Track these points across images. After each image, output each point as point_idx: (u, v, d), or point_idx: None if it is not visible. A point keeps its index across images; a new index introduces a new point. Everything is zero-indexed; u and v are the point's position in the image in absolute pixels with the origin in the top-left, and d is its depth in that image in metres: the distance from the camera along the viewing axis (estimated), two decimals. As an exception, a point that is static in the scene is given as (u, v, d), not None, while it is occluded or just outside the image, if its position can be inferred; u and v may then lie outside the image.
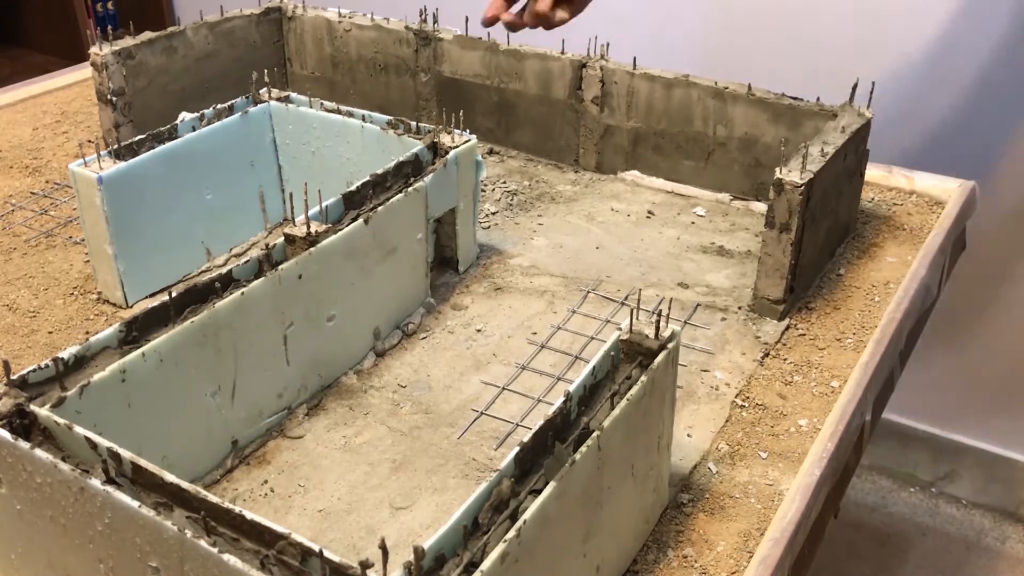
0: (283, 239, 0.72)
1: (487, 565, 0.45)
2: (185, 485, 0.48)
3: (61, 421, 0.52)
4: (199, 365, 0.65)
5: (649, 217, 1.02)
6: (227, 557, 0.45)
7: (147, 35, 1.06)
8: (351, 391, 0.77)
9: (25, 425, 0.53)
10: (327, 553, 0.44)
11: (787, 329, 0.84)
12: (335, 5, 1.21)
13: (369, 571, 0.43)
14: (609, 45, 1.06)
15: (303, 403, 0.74)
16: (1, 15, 3.07)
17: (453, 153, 0.85)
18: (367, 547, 0.62)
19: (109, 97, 1.04)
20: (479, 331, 0.84)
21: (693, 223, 1.01)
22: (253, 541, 0.47)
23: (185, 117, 0.90)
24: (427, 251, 0.85)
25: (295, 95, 0.94)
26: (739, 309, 0.87)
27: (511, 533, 0.46)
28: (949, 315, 1.47)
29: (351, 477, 0.68)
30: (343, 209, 0.76)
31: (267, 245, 0.70)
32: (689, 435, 0.72)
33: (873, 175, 1.07)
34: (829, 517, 0.78)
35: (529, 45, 1.09)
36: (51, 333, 0.83)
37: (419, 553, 0.44)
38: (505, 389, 0.77)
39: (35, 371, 0.56)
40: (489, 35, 1.11)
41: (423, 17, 1.15)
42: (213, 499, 0.48)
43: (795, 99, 0.96)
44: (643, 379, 0.57)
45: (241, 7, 1.18)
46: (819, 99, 0.95)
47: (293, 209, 0.75)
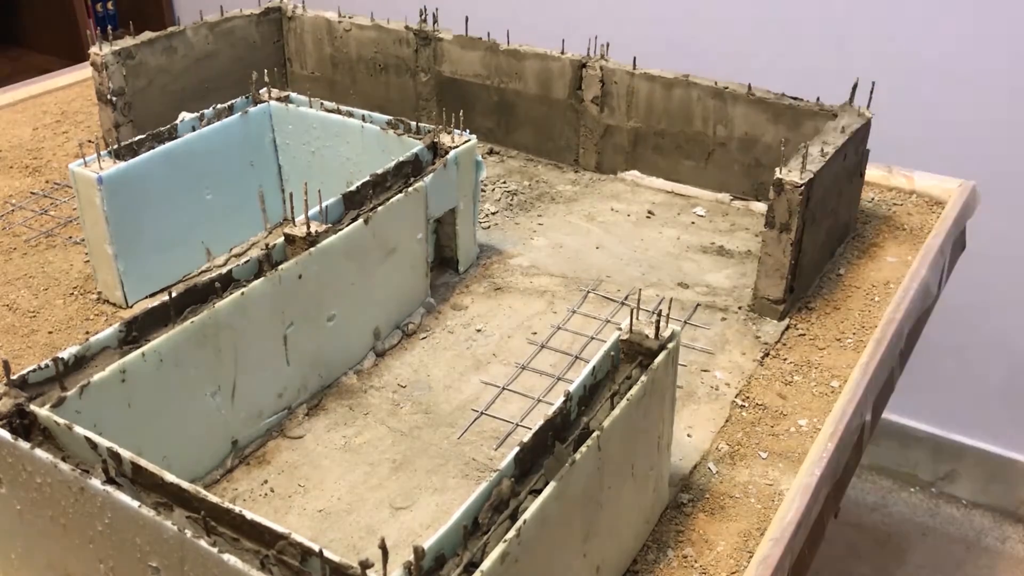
0: (283, 239, 0.71)
1: (487, 565, 0.45)
2: (185, 485, 0.48)
3: (61, 421, 0.52)
4: (199, 365, 0.65)
5: (649, 217, 1.02)
6: (227, 557, 0.45)
7: (147, 35, 1.06)
8: (351, 391, 0.77)
9: (25, 425, 0.53)
10: (327, 553, 0.44)
11: (787, 329, 0.84)
12: (335, 5, 1.21)
13: (369, 571, 0.43)
14: (609, 45, 1.06)
15: (303, 403, 0.74)
16: (1, 15, 3.08)
17: (453, 153, 0.85)
18: (367, 547, 0.62)
19: (109, 97, 1.04)
20: (479, 331, 0.84)
21: (693, 223, 1.01)
22: (253, 541, 0.47)
23: (185, 117, 0.90)
24: (427, 251, 0.85)
25: (295, 95, 0.94)
26: (739, 309, 0.87)
27: (511, 533, 0.46)
28: (949, 315, 1.47)
29: (351, 477, 0.68)
30: (343, 209, 0.76)
31: (267, 245, 0.70)
32: (689, 435, 0.72)
33: (873, 175, 1.07)
34: (829, 517, 0.78)
35: (529, 45, 1.09)
36: (51, 333, 0.83)
37: (419, 553, 0.44)
38: (505, 389, 0.77)
39: (35, 371, 0.56)
40: (489, 35, 1.11)
41: (423, 17, 1.15)
42: (213, 499, 0.48)
43: (795, 99, 0.96)
44: (643, 379, 0.57)
45: (241, 7, 1.18)
46: (819, 99, 0.95)
47: (293, 209, 0.75)
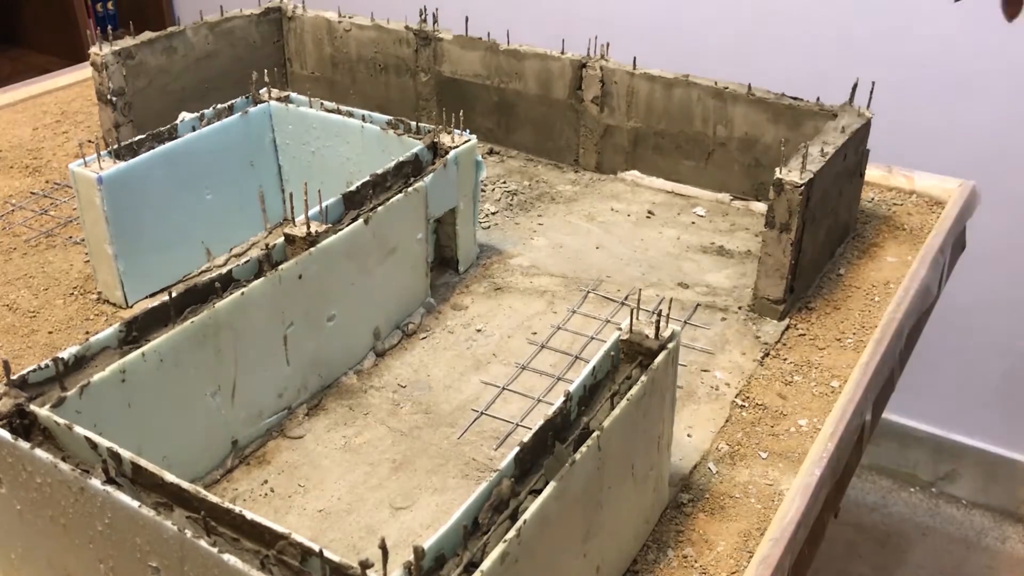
0: (283, 239, 0.71)
1: (487, 565, 0.45)
2: (185, 485, 0.48)
3: (61, 421, 0.52)
4: (199, 365, 0.65)
5: (649, 217, 1.02)
6: (227, 557, 0.45)
7: (147, 35, 1.06)
8: (351, 391, 0.77)
9: (25, 425, 0.53)
10: (327, 553, 0.44)
11: (787, 329, 0.84)
12: (335, 5, 1.21)
13: (369, 571, 0.43)
14: (609, 45, 1.06)
15: (303, 403, 0.74)
16: (1, 15, 3.08)
17: (453, 153, 0.85)
18: (367, 547, 0.62)
19: (109, 97, 1.04)
20: (479, 331, 0.84)
21: (693, 223, 1.01)
22: (253, 541, 0.47)
23: (185, 117, 0.90)
24: (427, 251, 0.85)
25: (295, 95, 0.94)
26: (739, 309, 0.87)
27: (511, 533, 0.46)
28: (949, 315, 1.47)
29: (351, 477, 0.68)
30: (343, 209, 0.76)
31: (267, 245, 0.70)
32: (689, 435, 0.72)
33: (873, 175, 1.07)
34: (829, 517, 0.78)
35: (529, 45, 1.09)
36: (51, 333, 0.83)
37: (419, 553, 0.44)
38: (505, 389, 0.77)
39: (35, 371, 0.56)
40: (489, 35, 1.11)
41: (423, 17, 1.15)
42: (213, 499, 0.48)
43: (795, 99, 0.96)
44: (643, 379, 0.57)
45: (241, 7, 1.17)
46: (819, 99, 0.95)
47: (293, 209, 0.75)
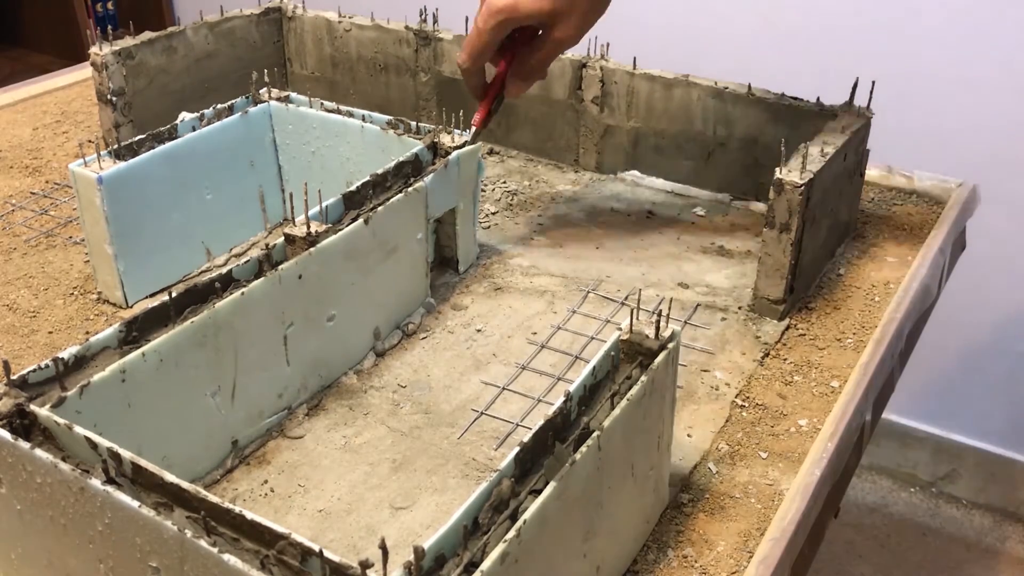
0: (283, 239, 0.71)
1: (487, 565, 0.45)
2: (185, 485, 0.48)
3: (61, 421, 0.52)
4: (199, 365, 0.65)
5: (649, 217, 1.02)
6: (227, 557, 0.45)
7: (147, 35, 1.06)
8: (351, 391, 0.77)
9: (25, 425, 0.53)
10: (327, 553, 0.44)
11: (787, 329, 0.84)
12: (335, 5, 1.21)
13: (369, 571, 0.43)
14: (609, 45, 1.06)
15: (303, 403, 0.74)
16: (1, 15, 3.08)
17: (455, 154, 0.85)
18: (367, 547, 0.62)
19: (109, 97, 1.04)
20: (479, 331, 0.84)
21: (693, 223, 1.01)
22: (253, 541, 0.47)
23: (185, 117, 0.90)
24: (427, 251, 0.85)
25: (295, 95, 0.94)
26: (739, 309, 0.87)
27: (511, 533, 0.46)
28: (949, 315, 1.47)
29: (351, 477, 0.68)
30: (343, 209, 0.76)
31: (267, 245, 0.70)
32: (689, 435, 0.72)
33: (873, 175, 1.07)
34: (829, 517, 0.78)
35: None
36: (51, 333, 0.83)
37: (419, 553, 0.44)
38: (505, 389, 0.77)
39: (35, 371, 0.56)
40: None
41: (423, 17, 1.15)
42: (213, 499, 0.48)
43: (795, 99, 0.96)
44: (643, 379, 0.57)
45: (241, 7, 1.17)
46: (819, 99, 0.95)
47: (293, 209, 0.75)
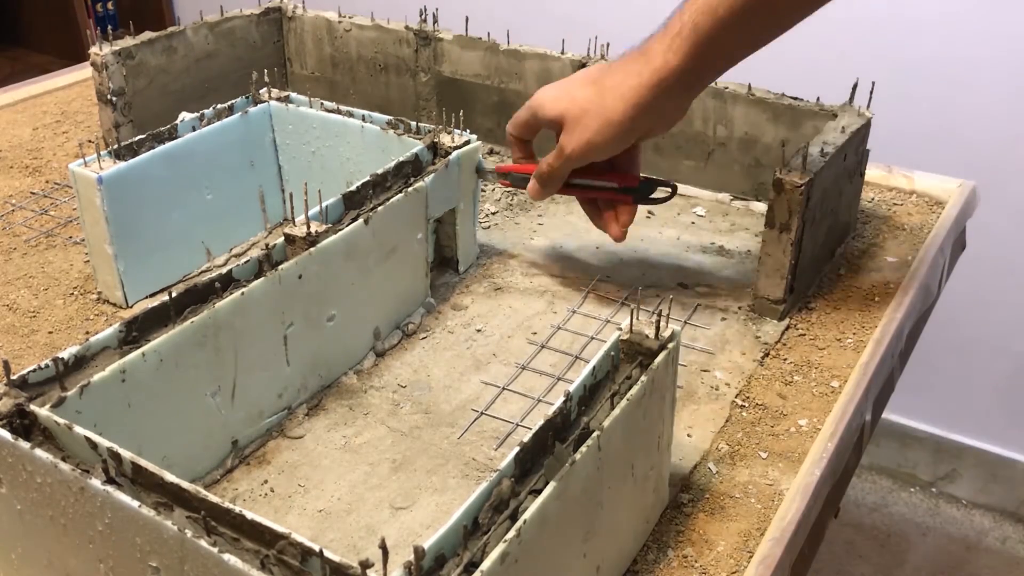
0: (283, 239, 0.71)
1: (487, 565, 0.45)
2: (185, 485, 0.48)
3: (61, 421, 0.52)
4: (199, 365, 0.65)
5: (649, 217, 1.02)
6: (227, 557, 0.45)
7: (147, 35, 1.06)
8: (351, 391, 0.77)
9: (25, 425, 0.53)
10: (327, 553, 0.44)
11: (787, 329, 0.84)
12: (335, 5, 1.21)
13: (369, 571, 0.43)
14: (609, 45, 1.06)
15: (303, 403, 0.74)
16: (1, 15, 3.08)
17: (456, 154, 0.85)
18: (367, 547, 0.62)
19: (109, 97, 1.04)
20: (479, 331, 0.84)
21: (693, 223, 1.01)
22: (253, 541, 0.47)
23: (185, 117, 0.90)
24: (427, 251, 0.85)
25: (295, 95, 0.94)
26: (739, 309, 0.87)
27: (511, 533, 0.46)
28: (949, 315, 1.47)
29: (351, 477, 0.68)
30: (343, 209, 0.76)
31: (267, 245, 0.70)
32: (689, 435, 0.72)
33: (873, 175, 1.07)
34: (829, 517, 0.78)
35: (529, 45, 1.09)
36: (51, 333, 0.83)
37: (419, 553, 0.44)
38: (505, 389, 0.77)
39: (35, 371, 0.56)
40: (489, 35, 1.11)
41: (423, 17, 1.15)
42: (213, 499, 0.48)
43: (795, 99, 0.96)
44: (643, 379, 0.57)
45: (241, 7, 1.17)
46: (819, 99, 0.95)
47: (293, 209, 0.75)
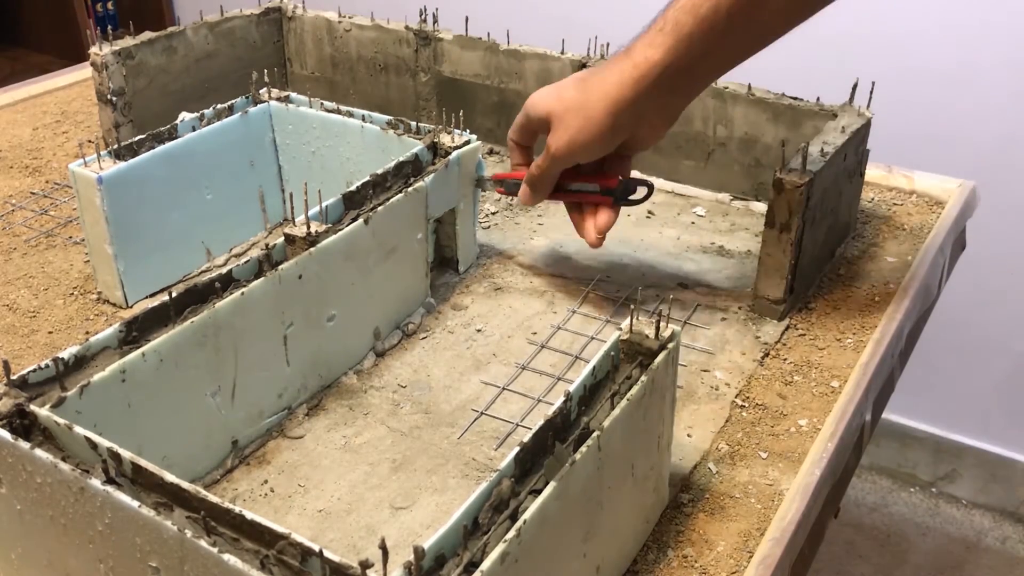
0: (283, 239, 0.72)
1: (487, 565, 0.45)
2: (185, 485, 0.48)
3: (61, 421, 0.52)
4: (199, 365, 0.65)
5: (649, 217, 1.02)
6: (227, 557, 0.45)
7: (147, 35, 1.06)
8: (351, 391, 0.77)
9: (25, 425, 0.53)
10: (327, 553, 0.44)
11: (787, 329, 0.84)
12: (335, 5, 1.21)
13: (369, 571, 0.43)
14: (609, 45, 1.06)
15: (303, 403, 0.74)
16: (1, 15, 3.08)
17: (456, 154, 0.85)
18: (367, 547, 0.62)
19: (109, 97, 1.04)
20: (479, 331, 0.84)
21: (693, 223, 1.01)
22: (253, 541, 0.47)
23: (185, 117, 0.90)
24: (427, 251, 0.85)
25: (295, 95, 0.94)
26: (739, 309, 0.87)
27: (511, 533, 0.46)
28: (949, 315, 1.47)
29: (351, 477, 0.68)
30: (343, 209, 0.76)
31: (267, 245, 0.70)
32: (689, 435, 0.72)
33: (873, 175, 1.07)
34: (829, 517, 0.78)
35: (529, 45, 1.09)
36: (51, 333, 0.83)
37: (419, 553, 0.44)
38: (505, 389, 0.77)
39: (35, 371, 0.56)
40: (489, 35, 1.11)
41: (423, 17, 1.15)
42: (213, 499, 0.48)
43: (795, 99, 0.96)
44: (643, 379, 0.57)
45: (241, 7, 1.17)
46: (819, 99, 0.95)
47: (293, 209, 0.75)
